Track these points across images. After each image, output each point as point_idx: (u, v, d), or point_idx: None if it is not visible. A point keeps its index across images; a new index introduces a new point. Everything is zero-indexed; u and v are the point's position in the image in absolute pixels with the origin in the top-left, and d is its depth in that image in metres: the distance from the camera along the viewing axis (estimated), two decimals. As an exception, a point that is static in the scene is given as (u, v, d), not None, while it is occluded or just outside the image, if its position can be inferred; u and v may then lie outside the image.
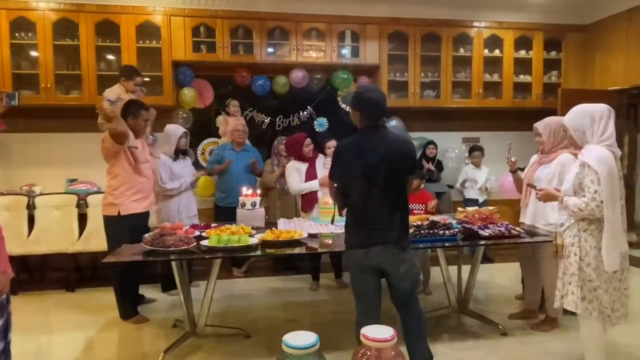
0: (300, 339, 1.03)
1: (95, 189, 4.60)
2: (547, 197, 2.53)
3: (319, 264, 4.18)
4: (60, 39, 4.51)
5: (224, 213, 4.31)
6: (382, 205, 2.19)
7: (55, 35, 4.47)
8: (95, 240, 4.14)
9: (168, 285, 3.99)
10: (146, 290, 3.83)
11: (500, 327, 3.11)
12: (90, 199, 4.41)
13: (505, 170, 5.36)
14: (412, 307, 2.32)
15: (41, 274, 4.31)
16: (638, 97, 5.21)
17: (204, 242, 2.63)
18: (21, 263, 4.03)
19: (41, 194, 4.48)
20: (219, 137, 5.10)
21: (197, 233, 2.84)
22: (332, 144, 3.91)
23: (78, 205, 4.41)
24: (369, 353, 1.10)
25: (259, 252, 2.68)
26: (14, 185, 4.61)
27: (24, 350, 2.78)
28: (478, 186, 4.98)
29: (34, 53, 4.52)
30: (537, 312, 3.31)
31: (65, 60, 4.60)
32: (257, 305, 3.74)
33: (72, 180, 4.72)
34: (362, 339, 1.06)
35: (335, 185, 2.32)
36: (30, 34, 4.48)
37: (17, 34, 4.46)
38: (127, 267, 3.21)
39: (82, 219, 4.41)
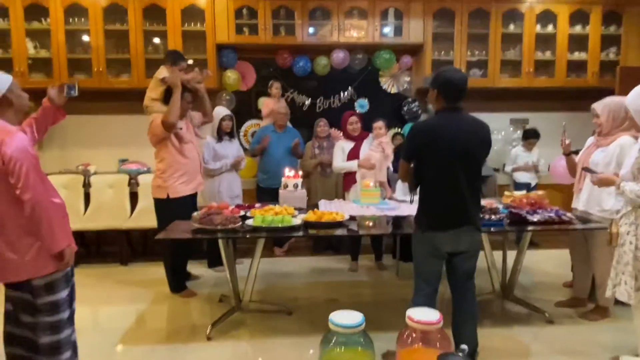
0: (347, 317, 1.05)
1: (145, 168, 4.80)
2: (604, 182, 2.40)
3: (359, 245, 4.20)
4: (110, 23, 4.67)
5: (266, 194, 4.40)
6: (461, 187, 2.19)
7: (106, 20, 4.63)
8: (146, 217, 4.34)
9: (214, 262, 4.14)
10: (193, 267, 3.99)
11: (547, 314, 3.02)
12: (140, 178, 4.62)
13: (556, 154, 5.14)
14: (469, 291, 2.33)
15: (97, 248, 4.58)
16: None
17: (249, 222, 2.70)
18: (78, 238, 4.23)
19: (95, 173, 4.72)
20: (261, 119, 5.17)
21: (242, 213, 2.91)
22: (379, 124, 3.86)
23: (129, 184, 4.62)
24: (414, 335, 1.11)
25: (301, 233, 2.72)
26: (70, 164, 4.89)
27: (82, 320, 2.96)
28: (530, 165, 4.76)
29: (86, 38, 4.71)
30: (587, 301, 3.20)
31: (115, 45, 4.77)
32: (298, 283, 3.83)
33: (124, 160, 4.95)
34: (407, 320, 1.07)
35: (412, 165, 2.31)
36: (82, 20, 4.66)
37: (70, 20, 4.65)
38: (177, 244, 3.35)
39: (133, 197, 4.64)
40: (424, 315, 1.07)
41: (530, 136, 4.82)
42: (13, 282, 1.93)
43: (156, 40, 4.85)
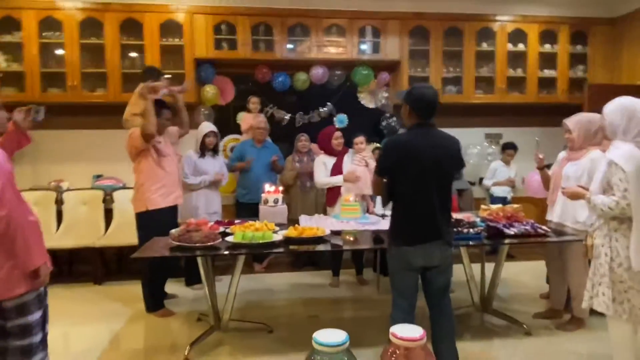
0: (331, 336, 1.03)
1: (121, 184, 4.70)
2: (574, 195, 2.48)
3: (340, 260, 4.19)
4: (86, 37, 4.60)
5: (245, 209, 4.37)
6: (432, 202, 2.22)
7: (82, 34, 4.56)
8: (121, 234, 4.25)
9: (192, 280, 4.06)
10: (169, 285, 3.88)
11: (525, 326, 3.07)
12: (116, 195, 4.51)
13: (529, 167, 5.29)
14: (445, 306, 2.35)
15: (69, 267, 4.43)
16: (669, 91, 5.04)
17: (229, 238, 2.66)
18: (50, 257, 4.12)
19: (68, 190, 4.59)
20: (239, 133, 5.15)
21: (221, 229, 2.87)
22: (360, 139, 3.90)
23: (104, 201, 4.51)
24: (398, 352, 1.10)
25: (282, 249, 2.70)
26: (43, 181, 4.75)
27: (54, 342, 2.84)
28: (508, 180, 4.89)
29: (60, 52, 4.62)
30: (563, 312, 3.26)
31: (91, 58, 4.69)
32: (278, 300, 3.78)
33: (98, 176, 4.83)
34: (391, 337, 1.07)
35: (384, 180, 2.33)
36: (57, 33, 4.58)
37: (44, 33, 4.56)
38: (157, 261, 3.27)
39: (108, 214, 4.52)
40: (407, 332, 1.07)
41: (508, 147, 4.97)
42: None
43: (133, 54, 4.80)
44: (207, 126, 4.13)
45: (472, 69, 5.19)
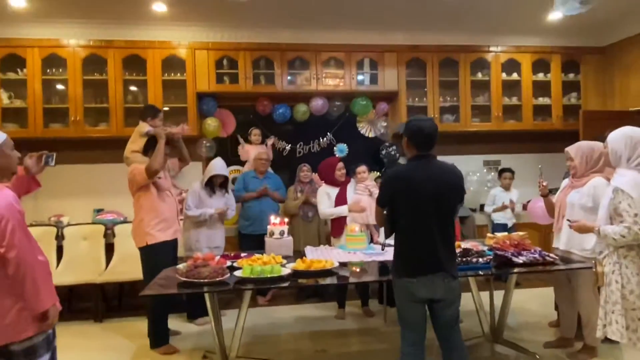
0: None
1: (122, 218, 4.68)
2: (583, 229, 2.48)
3: (345, 292, 4.14)
4: (89, 73, 4.67)
5: (249, 241, 4.35)
6: (433, 233, 2.21)
7: (85, 70, 4.63)
8: (123, 269, 4.19)
9: (194, 314, 3.99)
10: (171, 321, 3.81)
11: (537, 356, 3.02)
12: (117, 229, 4.47)
13: (529, 193, 5.35)
14: (455, 339, 2.30)
15: (69, 305, 4.33)
16: (660, 117, 5.16)
17: (237, 273, 2.63)
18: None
19: (69, 225, 4.55)
20: (241, 164, 5.17)
21: (228, 263, 2.85)
22: (362, 168, 3.92)
23: (105, 235, 4.47)
24: None
25: (292, 283, 2.67)
26: (43, 216, 4.71)
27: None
28: (508, 210, 4.92)
29: (63, 87, 4.68)
30: (574, 340, 3.22)
31: (93, 94, 4.76)
32: (284, 334, 3.70)
33: (99, 211, 4.80)
34: None
35: (385, 212, 2.33)
36: (60, 70, 4.65)
37: (48, 70, 4.63)
38: (164, 297, 3.23)
39: (109, 249, 4.47)
40: None
41: (504, 171, 5.05)
42: None
43: (136, 89, 4.87)
44: (217, 168, 3.96)
45: (468, 97, 5.30)
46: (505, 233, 3.40)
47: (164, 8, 4.33)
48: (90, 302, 4.15)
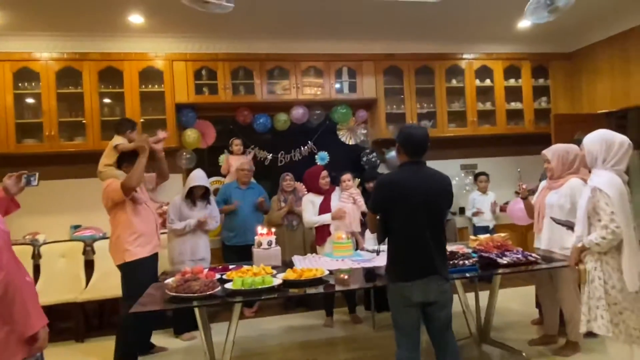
0: None
1: (101, 234, 4.56)
2: (575, 260, 2.48)
3: (332, 300, 4.15)
4: (63, 87, 4.56)
5: (233, 252, 4.31)
6: (426, 237, 2.26)
7: (59, 83, 4.52)
8: (104, 287, 4.08)
9: (180, 329, 3.92)
10: (156, 337, 3.73)
11: (524, 354, 3.10)
12: (97, 245, 4.35)
13: (505, 195, 5.51)
14: (449, 341, 2.35)
15: (49, 325, 4.17)
16: (625, 119, 5.42)
17: (228, 285, 2.61)
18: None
19: (45, 243, 4.40)
20: (222, 175, 5.13)
21: (217, 276, 2.81)
22: (347, 177, 3.95)
23: (84, 252, 4.34)
24: None
25: (283, 293, 2.66)
26: (17, 234, 4.53)
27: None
28: (487, 213, 5.05)
29: (36, 101, 4.55)
30: (557, 337, 3.32)
31: (68, 107, 4.64)
32: (273, 345, 3.68)
33: (77, 227, 4.67)
34: None
35: (378, 217, 2.37)
36: (33, 84, 4.52)
37: (20, 84, 4.50)
38: (140, 315, 3.12)
39: (89, 266, 4.34)
40: None
41: (479, 175, 5.22)
42: None
43: (112, 102, 4.78)
44: (197, 179, 3.88)
45: (444, 104, 5.43)
46: (488, 235, 3.49)
47: (140, 20, 4.28)
48: (70, 322, 4.02)
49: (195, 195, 3.91)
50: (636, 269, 2.28)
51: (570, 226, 2.84)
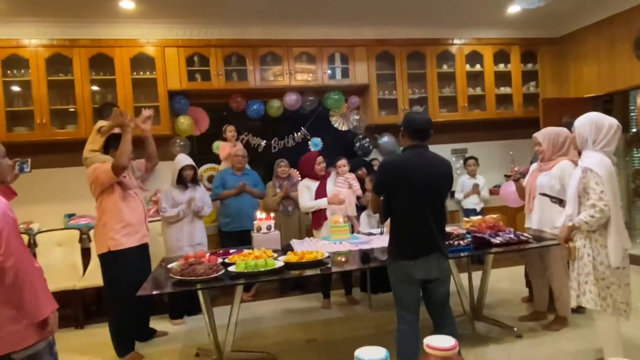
0: (372, 353, 1.10)
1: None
2: (564, 239, 2.56)
3: (329, 282, 4.23)
4: (53, 74, 4.50)
5: (229, 238, 4.35)
6: (428, 218, 2.36)
7: (49, 70, 4.46)
8: (100, 275, 4.09)
9: (176, 314, 3.98)
10: (152, 322, 3.76)
11: (515, 329, 3.23)
12: (93, 233, 4.34)
13: (495, 178, 5.63)
14: (446, 316, 2.45)
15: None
16: (611, 102, 5.56)
17: (231, 269, 2.66)
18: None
19: (40, 231, 4.39)
20: (217, 162, 5.15)
21: (219, 260, 2.86)
22: (342, 162, 4.01)
23: (80, 240, 4.35)
24: None
25: (286, 275, 2.73)
26: (11, 224, 4.51)
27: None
28: (474, 196, 5.15)
29: (26, 89, 4.49)
30: (546, 313, 3.46)
31: (59, 95, 4.59)
32: (273, 327, 3.76)
33: (71, 215, 4.66)
34: (426, 348, 1.14)
35: (381, 198, 2.44)
36: (22, 71, 4.45)
37: (9, 72, 4.42)
38: (128, 302, 3.13)
39: (85, 254, 4.35)
40: (440, 342, 1.15)
41: (468, 159, 5.31)
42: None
43: (104, 89, 4.73)
44: (184, 159, 4.01)
45: (436, 89, 5.49)
46: (480, 217, 3.59)
47: (131, 5, 4.23)
48: (69, 309, 4.03)
49: (186, 178, 3.92)
50: (621, 246, 2.40)
51: (559, 200, 2.95)
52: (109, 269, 3.24)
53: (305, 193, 4.02)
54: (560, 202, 2.93)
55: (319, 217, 3.99)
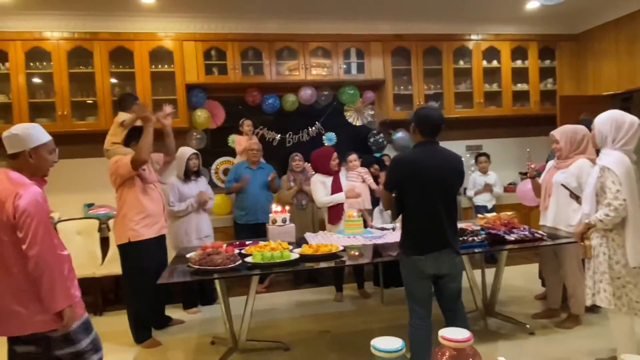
0: (388, 343, 1.14)
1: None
2: (580, 235, 2.58)
3: (342, 275, 4.28)
4: (74, 67, 4.59)
5: (244, 230, 4.41)
6: (439, 213, 2.37)
7: (70, 63, 4.55)
8: (119, 263, 4.19)
9: (189, 303, 4.07)
10: (167, 311, 3.85)
11: (528, 326, 3.24)
12: (111, 223, 4.45)
13: (510, 175, 5.60)
14: (458, 311, 2.47)
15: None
16: (630, 100, 5.47)
17: (248, 259, 2.72)
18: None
19: (61, 220, 4.51)
20: (232, 155, 5.21)
21: (236, 251, 2.92)
22: (353, 157, 4.03)
23: (99, 230, 4.45)
24: (448, 353, 1.22)
25: (302, 267, 2.78)
26: (32, 212, 4.63)
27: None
28: (486, 194, 5.12)
29: (48, 81, 4.59)
30: (560, 311, 3.46)
31: (79, 87, 4.68)
32: (286, 318, 3.82)
33: (90, 205, 4.77)
34: (440, 340, 1.17)
35: (393, 195, 2.46)
36: (45, 63, 4.55)
37: (32, 64, 4.53)
38: (146, 290, 3.24)
39: (104, 243, 4.46)
40: (455, 334, 1.18)
41: (480, 155, 5.27)
42: (23, 335, 1.83)
43: (123, 81, 4.81)
44: (188, 150, 4.11)
45: (452, 85, 5.47)
46: (494, 213, 3.59)
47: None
48: (89, 296, 4.13)
49: (192, 168, 4.02)
50: (639, 245, 2.39)
51: (576, 196, 2.93)
52: (128, 259, 3.32)
53: (321, 188, 4.04)
54: (577, 199, 2.92)
55: (336, 211, 4.01)
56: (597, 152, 2.61)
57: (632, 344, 2.45)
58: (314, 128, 5.51)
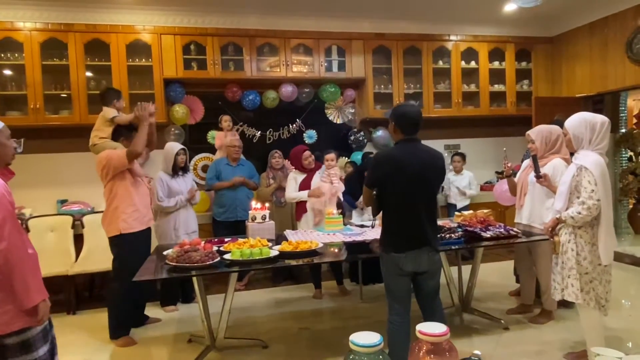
0: (366, 338, 1.14)
1: (89, 209, 4.55)
2: (550, 230, 2.66)
3: (320, 272, 4.28)
4: (48, 58, 4.46)
5: (223, 227, 4.37)
6: (419, 211, 2.38)
7: (43, 55, 4.41)
8: (94, 260, 4.12)
9: (167, 301, 4.01)
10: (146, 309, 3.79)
11: (502, 321, 3.32)
12: (86, 219, 4.36)
13: (485, 174, 5.70)
14: (437, 308, 2.50)
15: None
16: (602, 103, 5.65)
17: (226, 256, 2.69)
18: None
19: (33, 217, 4.38)
20: (211, 152, 5.15)
21: (215, 248, 2.89)
22: (331, 156, 4.04)
23: (73, 226, 4.34)
24: (425, 347, 1.23)
25: (281, 264, 2.77)
26: (2, 208, 4.48)
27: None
28: (460, 190, 5.18)
29: (20, 73, 4.44)
30: (533, 306, 3.55)
31: (53, 80, 4.55)
32: (265, 316, 3.80)
33: (63, 201, 4.64)
34: (418, 334, 1.19)
35: (374, 192, 2.45)
36: (16, 55, 4.41)
37: (2, 55, 4.38)
38: (130, 287, 3.18)
39: (77, 240, 4.35)
40: (432, 329, 1.20)
41: (455, 155, 5.32)
42: None
43: (99, 75, 4.69)
44: (176, 145, 4.08)
45: (431, 85, 5.53)
46: (471, 211, 3.65)
47: (129, -9, 4.20)
48: (60, 295, 4.04)
49: (180, 163, 4.00)
50: (611, 245, 2.47)
51: (539, 174, 2.98)
52: (118, 252, 3.30)
53: (292, 184, 4.10)
54: (539, 177, 2.97)
55: (300, 208, 4.09)
56: (571, 154, 2.68)
57: (600, 336, 2.54)
58: (294, 125, 5.50)
